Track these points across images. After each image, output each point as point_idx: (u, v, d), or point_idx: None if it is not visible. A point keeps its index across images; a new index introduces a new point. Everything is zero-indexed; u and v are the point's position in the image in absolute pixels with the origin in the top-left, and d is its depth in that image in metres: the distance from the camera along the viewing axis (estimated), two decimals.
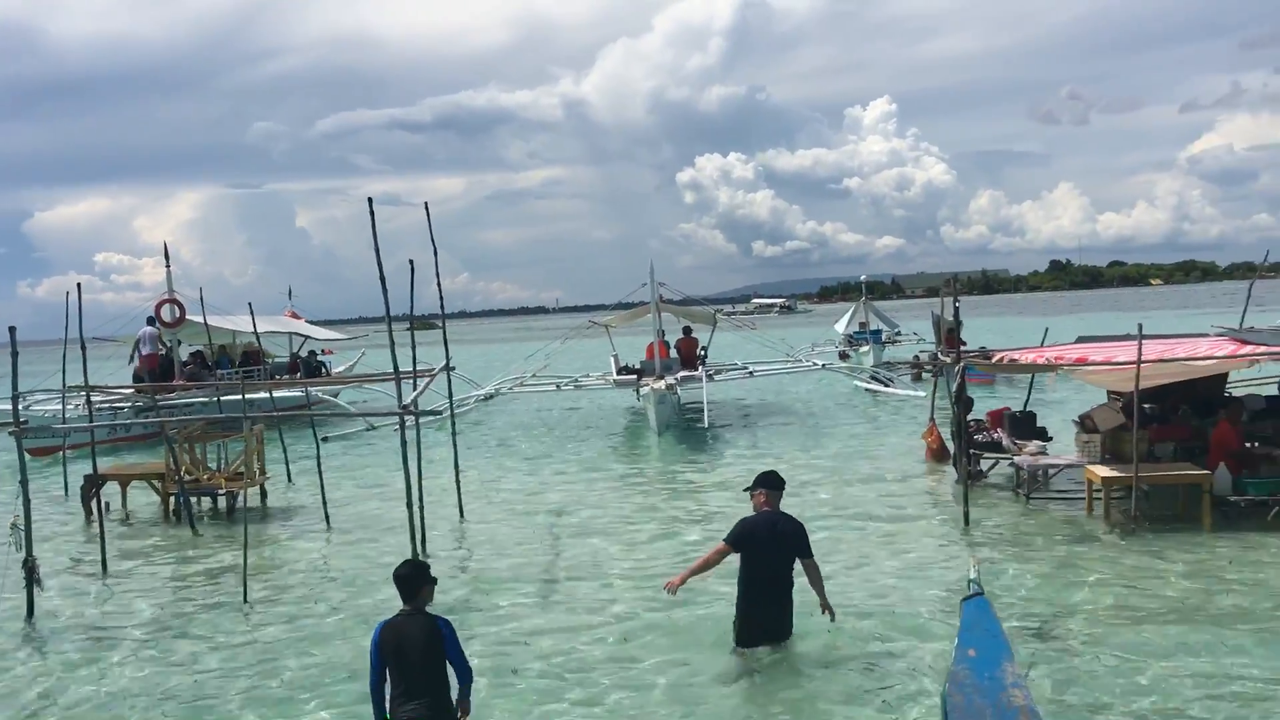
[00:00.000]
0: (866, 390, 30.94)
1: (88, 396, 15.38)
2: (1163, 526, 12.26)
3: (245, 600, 10.85)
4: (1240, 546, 11.29)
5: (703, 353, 28.40)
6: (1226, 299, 71.93)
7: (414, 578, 6.52)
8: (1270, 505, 12.26)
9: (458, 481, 14.69)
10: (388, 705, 6.26)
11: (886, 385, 30.67)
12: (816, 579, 8.31)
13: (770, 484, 8.40)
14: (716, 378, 27.22)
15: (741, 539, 8.17)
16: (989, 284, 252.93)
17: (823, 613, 8.35)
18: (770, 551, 8.11)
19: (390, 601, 10.62)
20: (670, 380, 23.39)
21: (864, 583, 10.64)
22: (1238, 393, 15.87)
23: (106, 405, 24.32)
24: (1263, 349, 12.97)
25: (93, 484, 15.45)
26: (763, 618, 8.25)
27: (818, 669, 8.23)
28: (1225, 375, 15.08)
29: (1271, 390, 15.34)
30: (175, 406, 24.45)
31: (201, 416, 19.45)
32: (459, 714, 6.44)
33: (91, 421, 15.18)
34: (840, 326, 47.36)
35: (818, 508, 14.18)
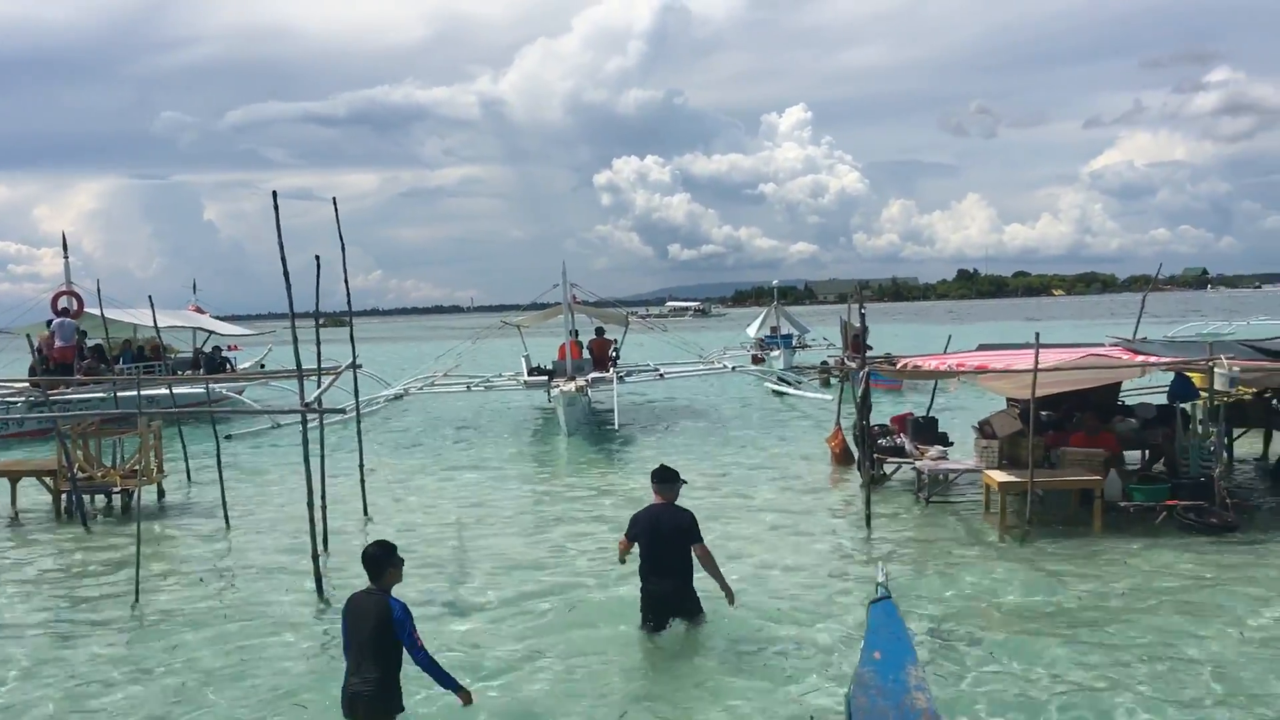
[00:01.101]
0: (775, 393, 31.28)
1: None
2: (1056, 530, 12.61)
3: (137, 600, 10.57)
4: (1128, 550, 11.66)
5: (615, 354, 28.46)
6: (1124, 310, 74.30)
7: (381, 559, 6.77)
8: (1157, 511, 12.68)
9: (362, 480, 14.51)
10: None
11: (795, 387, 31.06)
12: (709, 564, 8.71)
13: (660, 479, 8.89)
14: (627, 379, 27.31)
15: (631, 530, 8.86)
16: (899, 291, 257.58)
17: (726, 598, 8.74)
18: (653, 541, 8.66)
19: (283, 605, 10.51)
20: (581, 382, 23.39)
21: (766, 581, 10.76)
22: (1131, 401, 16.39)
23: None
24: (1153, 359, 13.43)
25: None
26: (651, 596, 8.77)
27: (718, 661, 8.36)
28: (1119, 384, 15.56)
29: (1162, 399, 15.86)
30: (70, 401, 23.72)
31: (97, 412, 18.91)
32: (461, 702, 6.73)
33: None
34: (752, 331, 47.75)
35: (723, 507, 14.33)
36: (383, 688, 6.46)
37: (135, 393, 15.77)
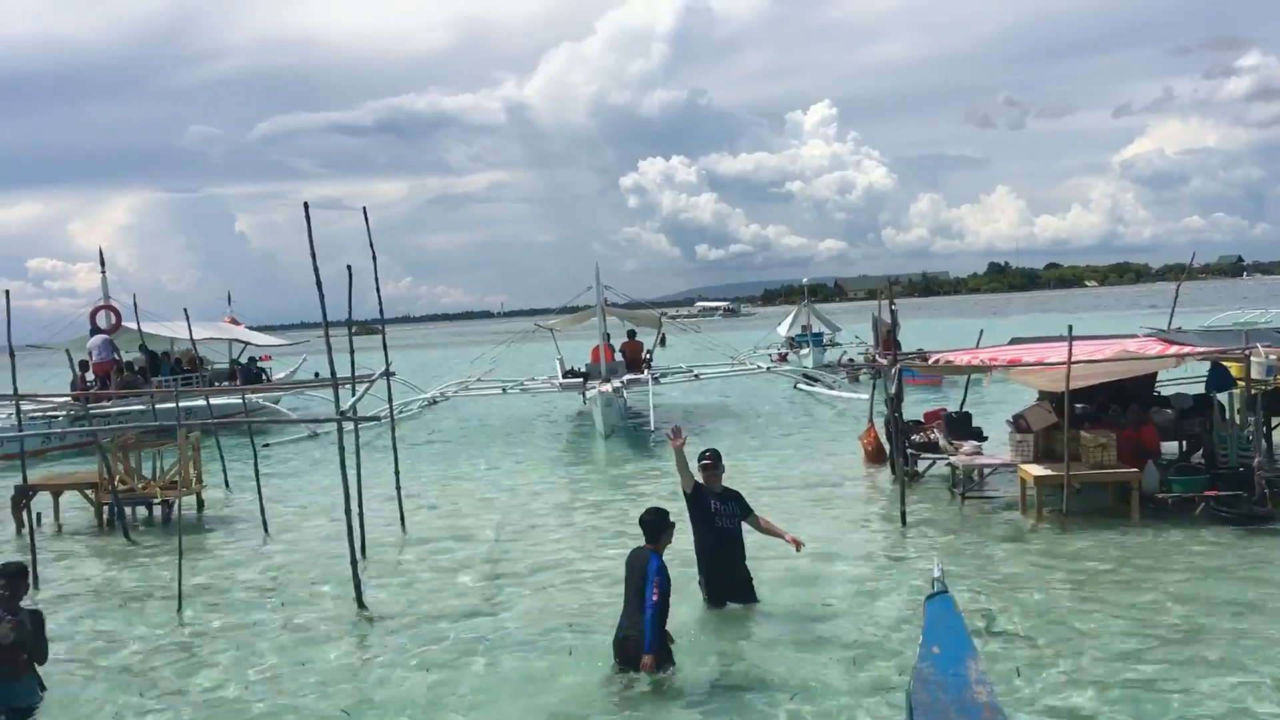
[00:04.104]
0: (807, 392, 31.23)
1: (17, 405, 15.04)
2: (1093, 524, 12.52)
3: (180, 609, 10.71)
4: (1167, 542, 11.57)
5: (648, 355, 28.50)
6: (1159, 300, 73.56)
7: (656, 524, 8.11)
8: (1196, 502, 12.56)
9: (398, 487, 14.61)
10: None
11: (831, 388, 30.98)
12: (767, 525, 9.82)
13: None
14: (661, 381, 27.35)
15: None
16: (929, 286, 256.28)
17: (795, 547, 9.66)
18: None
19: (322, 613, 10.62)
20: (616, 383, 23.45)
21: (801, 580, 10.74)
22: (1166, 392, 16.25)
23: (40, 414, 23.88)
24: (1187, 349, 13.30)
25: (23, 494, 15.14)
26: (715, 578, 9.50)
27: (769, 663, 8.33)
28: (1154, 375, 15.43)
29: (1199, 389, 15.71)
30: (110, 415, 24.05)
31: (137, 425, 19.17)
32: (642, 665, 7.63)
33: (21, 430, 14.84)
34: (782, 330, 47.62)
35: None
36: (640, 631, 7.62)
37: (174, 404, 15.97)
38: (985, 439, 15.89)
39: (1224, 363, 13.78)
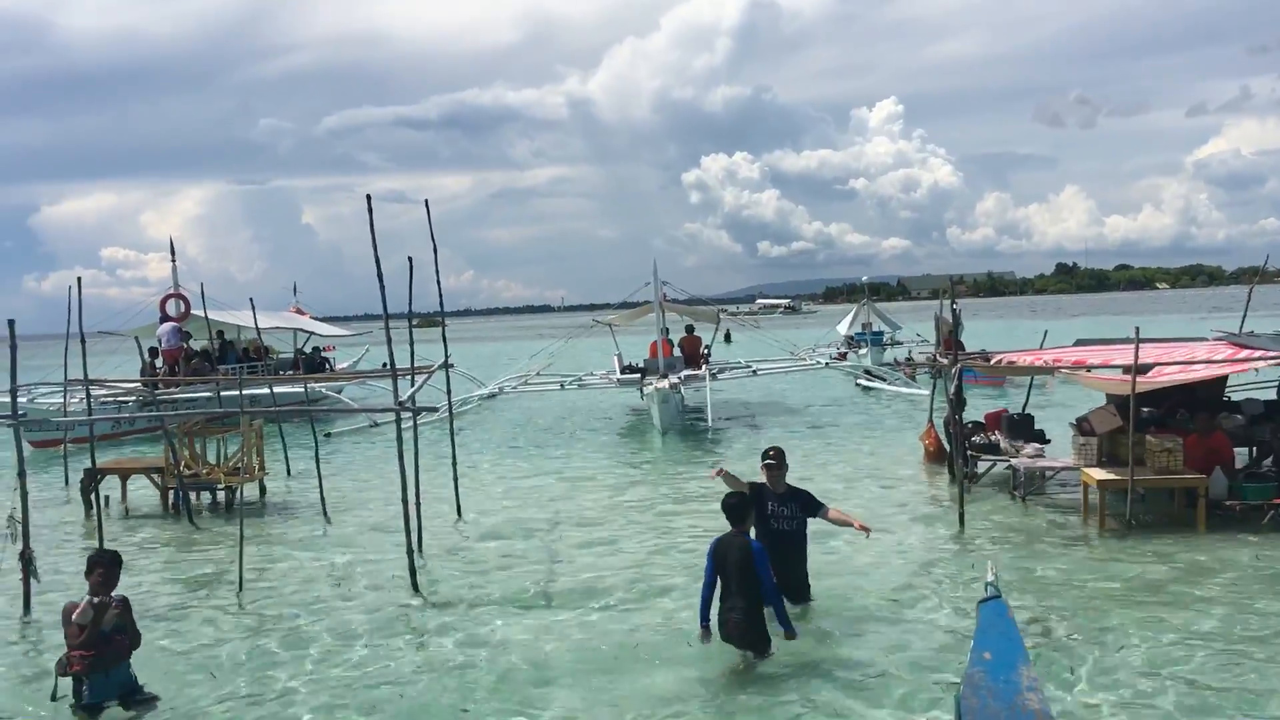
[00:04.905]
0: (869, 388, 30.98)
1: (87, 390, 15.42)
2: (1157, 530, 12.27)
3: (240, 592, 10.91)
4: (1234, 549, 11.31)
5: (706, 351, 28.44)
6: (1231, 303, 71.81)
7: (739, 507, 8.33)
8: (1265, 510, 12.26)
9: (455, 478, 14.74)
10: (716, 606, 8.14)
11: (893, 385, 30.70)
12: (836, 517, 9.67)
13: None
14: (720, 376, 27.27)
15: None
16: (995, 286, 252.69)
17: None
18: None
19: (378, 600, 10.75)
20: (674, 379, 23.43)
21: (858, 580, 10.67)
22: (1237, 396, 15.88)
23: (110, 399, 24.44)
24: (1258, 353, 12.97)
25: (92, 477, 15.52)
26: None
27: (818, 667, 8.28)
28: (1224, 379, 15.08)
29: (1270, 394, 15.33)
30: (176, 401, 24.55)
31: (203, 411, 19.54)
32: (784, 635, 8.09)
33: (90, 415, 15.20)
34: (842, 328, 47.31)
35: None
36: (748, 615, 7.96)
37: (238, 392, 16.25)
38: (1048, 442, 15.64)
39: None
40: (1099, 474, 12.84)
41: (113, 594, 7.82)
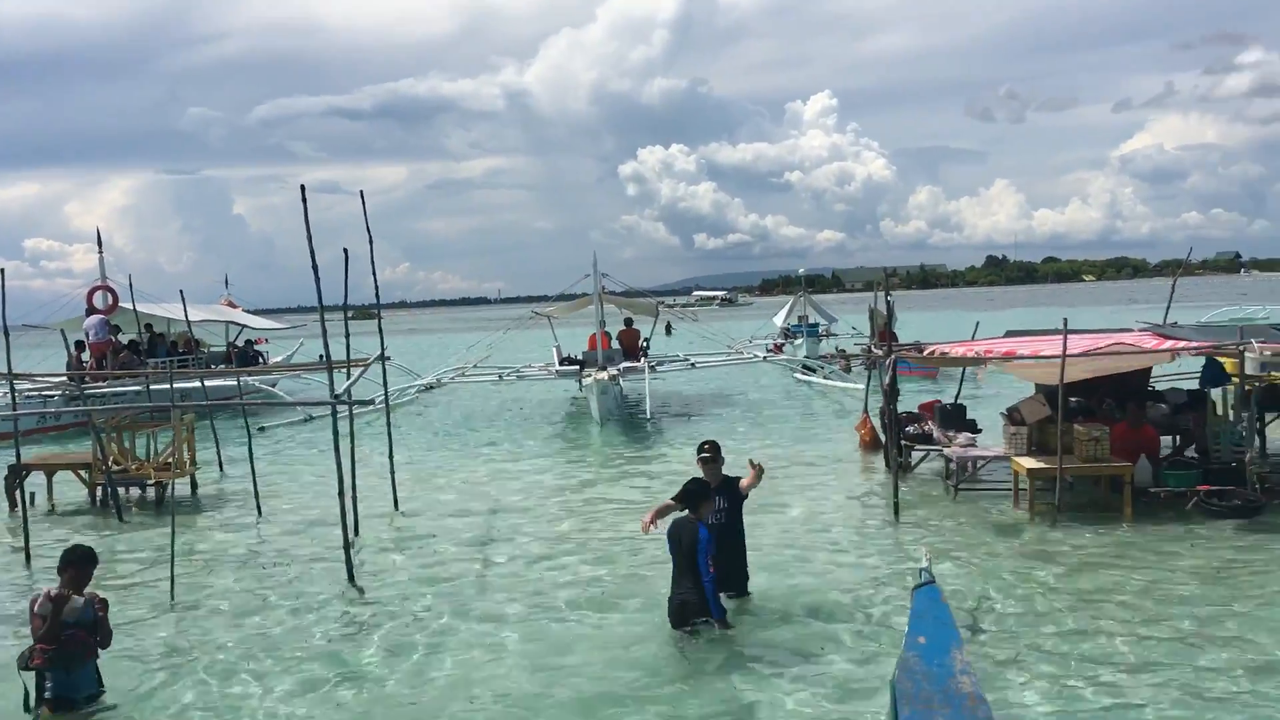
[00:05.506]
0: (805, 382, 31.25)
1: (11, 384, 15.03)
2: (1086, 517, 12.55)
3: (173, 591, 10.70)
4: (1159, 535, 11.61)
5: (645, 344, 28.53)
6: (1155, 295, 73.54)
7: (696, 494, 8.73)
8: (1188, 496, 12.59)
9: (392, 471, 14.62)
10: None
11: (827, 379, 31.00)
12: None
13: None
14: (658, 369, 27.37)
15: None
16: (927, 279, 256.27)
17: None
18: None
19: (314, 594, 10.63)
20: (613, 371, 23.46)
21: (794, 570, 10.78)
22: (1161, 386, 16.26)
23: (35, 393, 23.84)
24: (1182, 343, 13.31)
25: (16, 474, 15.10)
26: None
27: (754, 654, 8.35)
28: (1149, 369, 15.43)
29: (1193, 384, 15.73)
30: (105, 395, 24.03)
31: (132, 406, 19.14)
32: (717, 628, 8.46)
33: (15, 410, 14.83)
34: (778, 320, 47.62)
35: (751, 496, 14.30)
36: (699, 596, 8.39)
37: (169, 386, 15.97)
38: (979, 431, 15.88)
39: (1218, 358, 13.78)
40: (1029, 463, 13.09)
41: (87, 592, 7.72)
